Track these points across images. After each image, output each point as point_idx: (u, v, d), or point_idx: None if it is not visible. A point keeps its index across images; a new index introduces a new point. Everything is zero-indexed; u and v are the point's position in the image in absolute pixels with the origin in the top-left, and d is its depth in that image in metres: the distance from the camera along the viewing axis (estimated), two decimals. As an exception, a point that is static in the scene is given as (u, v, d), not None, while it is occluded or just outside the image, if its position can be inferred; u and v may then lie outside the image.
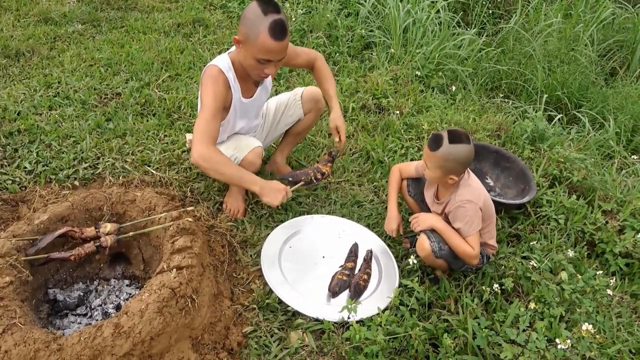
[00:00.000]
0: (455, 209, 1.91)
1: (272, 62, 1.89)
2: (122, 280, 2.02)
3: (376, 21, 4.45)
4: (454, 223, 1.93)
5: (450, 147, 1.81)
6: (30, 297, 1.76)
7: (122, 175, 2.48)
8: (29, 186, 2.37)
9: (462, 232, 1.91)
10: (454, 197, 1.94)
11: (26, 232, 1.81)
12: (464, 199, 1.90)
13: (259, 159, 2.19)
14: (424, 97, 3.57)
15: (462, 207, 1.90)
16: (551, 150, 2.96)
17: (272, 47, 1.82)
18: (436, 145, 1.83)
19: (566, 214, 2.50)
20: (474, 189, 1.94)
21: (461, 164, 1.86)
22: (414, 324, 1.81)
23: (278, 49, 1.84)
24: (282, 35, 1.81)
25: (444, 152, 1.82)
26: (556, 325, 1.84)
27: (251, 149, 2.16)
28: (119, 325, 1.51)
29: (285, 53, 1.90)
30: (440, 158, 1.83)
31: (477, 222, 1.91)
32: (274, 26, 1.78)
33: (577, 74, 4.07)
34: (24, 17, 4.24)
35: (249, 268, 2.12)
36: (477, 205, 1.90)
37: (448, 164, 1.84)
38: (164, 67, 3.56)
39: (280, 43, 1.82)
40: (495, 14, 5.14)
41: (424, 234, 1.97)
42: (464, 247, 1.90)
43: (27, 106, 2.96)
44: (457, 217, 1.92)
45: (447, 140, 1.81)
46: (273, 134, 2.57)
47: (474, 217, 1.90)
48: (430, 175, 1.92)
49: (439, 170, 1.87)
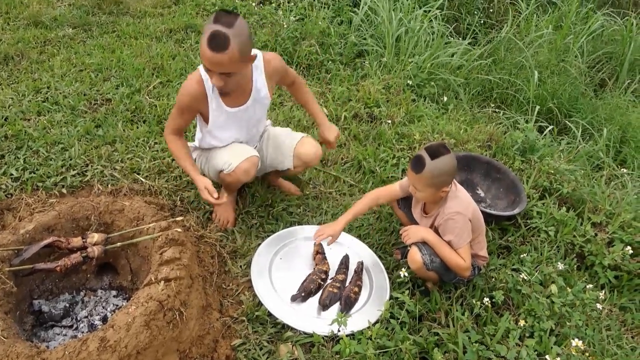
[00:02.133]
0: (445, 222, 1.91)
1: (212, 71, 1.84)
2: (109, 291, 1.99)
3: (369, 30, 4.46)
4: (444, 236, 1.93)
5: (434, 163, 1.81)
6: (15, 308, 1.73)
7: (111, 183, 2.45)
8: (15, 193, 2.33)
9: (453, 244, 1.91)
10: (442, 210, 1.94)
11: (11, 242, 1.78)
12: (452, 211, 1.90)
13: (253, 169, 2.15)
14: (415, 106, 3.58)
15: (452, 219, 1.90)
16: (542, 161, 2.97)
17: (207, 56, 1.78)
18: (420, 166, 1.83)
19: (556, 225, 2.51)
20: (462, 200, 1.95)
21: (449, 175, 1.87)
22: (405, 338, 1.80)
23: (213, 61, 1.78)
24: (217, 47, 1.74)
25: (429, 170, 1.82)
26: (546, 339, 1.84)
27: (246, 157, 2.12)
28: (105, 339, 1.48)
29: (224, 68, 1.80)
30: (428, 177, 1.83)
31: (467, 233, 1.91)
32: (211, 37, 1.74)
33: (567, 85, 4.11)
34: (13, 20, 4.19)
35: (239, 279, 2.10)
36: (466, 217, 1.90)
37: (437, 179, 1.84)
38: (155, 73, 3.54)
39: (213, 54, 1.75)
40: (487, 24, 5.18)
41: (415, 246, 1.96)
42: (455, 260, 1.90)
43: (15, 111, 2.92)
44: (447, 229, 1.92)
45: (429, 158, 1.81)
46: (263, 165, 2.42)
47: (464, 228, 1.90)
48: (423, 195, 1.92)
49: (430, 188, 1.87)
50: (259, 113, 2.24)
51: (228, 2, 4.76)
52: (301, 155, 2.28)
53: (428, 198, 1.95)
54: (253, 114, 2.20)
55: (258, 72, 2.10)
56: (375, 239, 2.40)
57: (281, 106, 3.39)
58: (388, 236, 2.42)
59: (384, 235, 2.43)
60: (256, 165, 2.17)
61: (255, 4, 4.78)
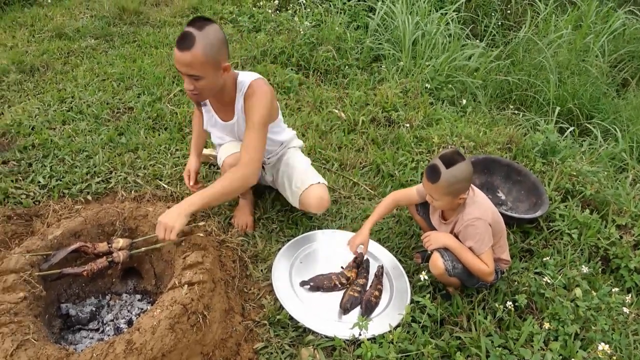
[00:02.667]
0: (465, 228, 1.90)
1: (183, 75, 1.86)
2: (134, 295, 2.03)
3: (385, 34, 4.47)
4: (465, 242, 1.92)
5: (449, 171, 1.80)
6: (44, 312, 1.77)
7: (134, 190, 2.50)
8: (42, 200, 2.40)
9: (475, 250, 1.90)
10: (461, 217, 1.93)
11: (40, 248, 1.83)
12: (472, 216, 1.89)
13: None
14: (433, 109, 3.57)
15: (472, 225, 1.89)
16: (563, 163, 2.93)
17: (175, 56, 1.82)
18: (436, 176, 1.81)
19: (579, 228, 2.47)
20: (481, 205, 1.93)
21: (466, 182, 1.85)
22: (426, 342, 1.79)
23: (177, 59, 1.81)
24: (181, 45, 1.77)
25: (445, 179, 1.80)
26: (571, 344, 1.81)
27: (232, 153, 2.15)
28: (131, 342, 1.51)
29: (188, 69, 1.80)
30: (445, 186, 1.82)
31: (488, 238, 1.90)
32: (180, 36, 1.78)
33: (588, 85, 4.05)
34: (38, 33, 4.32)
35: (260, 283, 2.12)
36: (486, 222, 1.89)
37: (454, 187, 1.83)
38: (175, 81, 3.60)
39: (179, 53, 1.78)
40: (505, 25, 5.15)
41: (437, 252, 1.95)
42: (478, 265, 1.88)
43: (41, 121, 3.00)
44: (467, 235, 1.91)
45: (444, 167, 1.80)
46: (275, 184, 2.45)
47: (485, 233, 1.89)
48: (440, 204, 1.91)
49: (447, 197, 1.86)
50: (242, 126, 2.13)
51: (245, 10, 4.83)
52: (305, 206, 2.25)
53: (445, 206, 1.94)
54: (242, 131, 2.13)
55: (240, 94, 2.06)
56: (395, 243, 2.39)
57: (299, 111, 3.42)
58: (408, 240, 2.42)
59: (404, 239, 2.42)
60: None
61: (272, 11, 4.83)
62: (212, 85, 1.91)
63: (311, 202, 2.21)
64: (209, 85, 1.90)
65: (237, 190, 1.99)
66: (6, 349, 1.48)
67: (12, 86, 3.44)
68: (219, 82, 1.94)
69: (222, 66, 1.89)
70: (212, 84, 1.91)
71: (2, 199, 2.38)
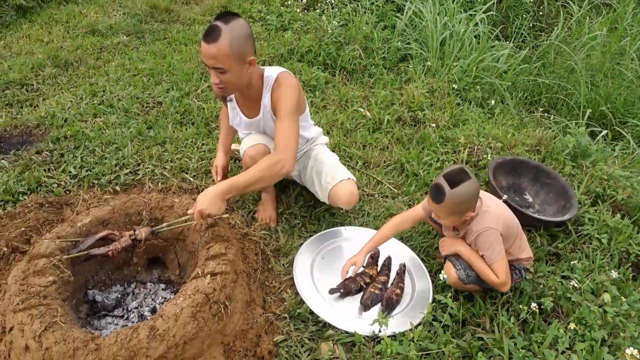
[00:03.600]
0: (476, 238, 1.87)
1: (210, 68, 1.88)
2: (158, 284, 2.06)
3: (413, 34, 4.44)
4: (478, 250, 1.90)
5: (454, 192, 1.73)
6: (71, 297, 1.82)
7: (161, 182, 2.55)
8: (73, 190, 2.47)
9: (486, 259, 1.87)
10: (471, 228, 1.89)
11: (69, 234, 1.88)
12: (483, 226, 1.85)
13: (259, 156, 2.06)
14: (460, 110, 3.52)
15: (482, 234, 1.85)
16: (594, 167, 2.86)
17: (202, 47, 1.84)
18: (440, 197, 1.75)
19: (610, 233, 2.40)
20: (492, 214, 1.87)
21: (472, 200, 1.80)
22: (448, 341, 1.77)
23: (203, 51, 1.83)
24: (208, 38, 1.79)
25: (450, 199, 1.74)
26: (598, 349, 1.76)
27: (253, 144, 2.14)
28: (154, 328, 1.54)
29: (214, 62, 1.83)
30: (450, 206, 1.76)
31: (499, 247, 1.85)
32: (207, 29, 1.82)
33: (622, 89, 3.94)
34: (73, 29, 4.44)
35: (281, 277, 2.13)
36: (497, 231, 1.84)
37: (460, 207, 1.78)
38: (203, 77, 3.65)
39: (205, 46, 1.80)
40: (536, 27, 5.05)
41: (449, 261, 1.94)
42: (488, 276, 1.86)
43: (73, 113, 3.09)
44: (479, 244, 1.88)
45: (448, 187, 1.74)
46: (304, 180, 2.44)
47: (496, 243, 1.84)
48: (447, 223, 1.89)
49: (454, 216, 1.82)
50: (273, 128, 2.13)
51: (273, 9, 4.87)
52: (335, 200, 2.24)
53: (453, 224, 1.92)
54: (267, 127, 2.19)
55: (266, 90, 2.08)
56: (418, 242, 2.37)
57: (324, 109, 3.42)
58: (431, 239, 2.39)
59: (427, 238, 2.40)
60: (262, 152, 2.12)
61: (300, 10, 4.86)
62: (237, 79, 1.93)
63: (341, 197, 2.20)
64: (235, 78, 1.92)
65: (274, 176, 1.95)
66: (35, 330, 1.53)
67: (47, 80, 3.55)
68: (244, 76, 1.96)
69: (247, 60, 1.91)
70: (238, 77, 1.93)
71: (35, 187, 2.46)
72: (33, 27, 4.50)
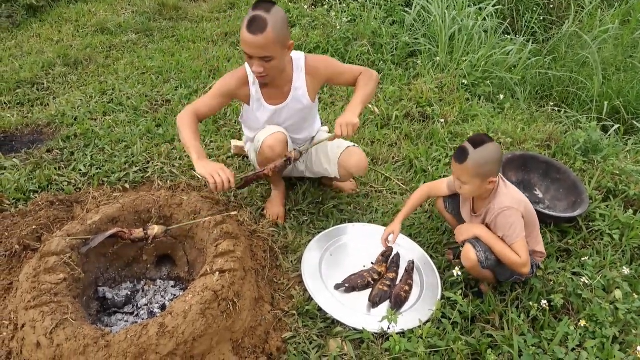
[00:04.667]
0: (496, 218, 1.85)
1: (252, 57, 1.90)
2: (168, 281, 2.08)
3: (421, 29, 4.41)
4: (497, 232, 1.87)
5: (477, 152, 1.77)
6: (82, 294, 1.84)
7: (170, 179, 2.57)
8: (83, 188, 2.49)
9: (507, 239, 1.84)
10: (492, 206, 1.88)
11: (80, 232, 1.90)
12: (503, 206, 1.84)
13: (278, 145, 2.10)
14: (470, 105, 3.50)
15: (503, 213, 1.83)
16: (605, 162, 2.82)
17: (245, 39, 1.85)
18: (464, 157, 1.78)
19: (621, 229, 2.37)
20: (512, 195, 1.88)
21: (495, 163, 1.81)
22: (457, 338, 1.76)
23: (250, 42, 1.84)
24: (254, 29, 1.81)
25: (473, 159, 1.77)
26: (609, 347, 1.74)
27: (271, 133, 2.12)
28: (164, 325, 1.55)
29: (261, 51, 1.86)
30: (474, 166, 1.78)
31: (520, 228, 1.84)
32: (250, 20, 1.82)
33: (635, 82, 3.88)
34: (82, 28, 4.48)
35: (290, 274, 2.13)
36: (518, 211, 1.84)
37: (483, 168, 1.78)
38: (211, 75, 3.66)
39: (252, 37, 1.82)
40: (547, 20, 4.98)
41: (469, 243, 1.91)
42: (510, 256, 1.83)
43: (83, 112, 3.12)
44: (498, 225, 1.86)
45: (472, 148, 1.77)
46: (311, 170, 2.47)
47: (517, 223, 1.83)
48: (470, 188, 1.86)
49: (476, 179, 1.81)
50: (299, 114, 2.23)
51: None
52: (345, 165, 2.27)
53: (475, 191, 1.88)
54: (292, 113, 2.21)
55: (299, 71, 2.13)
56: (427, 238, 2.36)
57: (332, 106, 3.41)
58: (440, 236, 2.38)
59: (436, 234, 2.39)
60: (281, 141, 2.12)
61: (308, 6, 4.84)
62: (281, 64, 1.98)
63: (351, 161, 2.24)
64: (278, 64, 1.96)
65: (376, 82, 2.20)
66: (46, 327, 1.55)
67: (57, 78, 3.58)
68: (285, 60, 2.01)
69: (287, 44, 1.95)
70: (281, 63, 1.98)
71: (45, 185, 2.48)
72: (43, 26, 4.54)
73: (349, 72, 2.21)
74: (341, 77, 2.23)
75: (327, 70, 2.18)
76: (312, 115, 2.33)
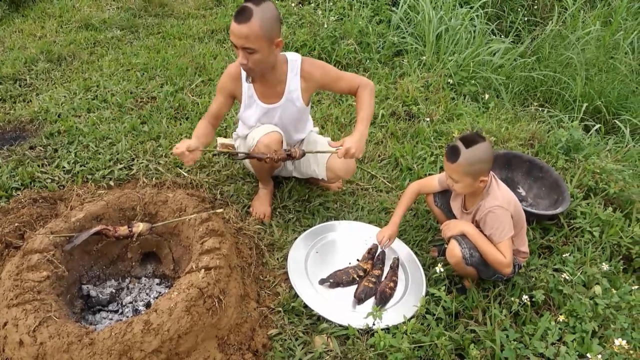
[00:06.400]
0: (485, 216, 1.88)
1: (238, 48, 1.91)
2: (153, 279, 2.07)
3: (408, 28, 4.44)
4: (485, 230, 1.90)
5: (469, 151, 1.79)
6: (65, 292, 1.82)
7: (155, 177, 2.55)
8: (66, 185, 2.46)
9: (493, 238, 1.87)
10: (483, 204, 1.91)
11: (63, 229, 1.88)
12: (493, 204, 1.87)
13: (274, 143, 2.11)
14: (455, 104, 3.53)
15: (492, 212, 1.86)
16: (587, 160, 2.87)
17: (231, 27, 1.87)
18: (455, 156, 1.81)
19: (601, 226, 2.42)
20: (503, 195, 1.91)
21: (486, 162, 1.83)
22: (440, 334, 1.78)
23: (234, 31, 1.86)
24: (240, 17, 1.83)
25: (465, 158, 1.79)
26: (588, 341, 1.78)
27: (267, 132, 2.12)
28: (149, 322, 1.55)
29: (245, 41, 1.86)
30: (465, 165, 1.80)
31: (508, 228, 1.87)
32: (238, 9, 1.85)
33: (616, 83, 3.95)
34: (66, 24, 4.42)
35: (276, 271, 2.14)
36: (507, 211, 1.87)
37: (474, 167, 1.81)
38: (197, 72, 3.64)
39: (237, 25, 1.84)
40: (531, 21, 5.05)
41: (454, 239, 1.93)
42: (495, 255, 1.86)
43: (67, 108, 3.08)
44: (487, 223, 1.89)
45: (464, 147, 1.80)
46: (299, 170, 2.49)
47: (505, 222, 1.86)
48: (461, 186, 1.88)
49: (468, 177, 1.84)
50: (292, 116, 2.24)
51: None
52: (333, 168, 2.27)
53: (466, 189, 1.90)
54: (286, 114, 2.21)
55: (293, 73, 2.13)
56: (412, 236, 2.39)
57: (319, 104, 3.42)
58: (425, 233, 2.40)
59: (421, 232, 2.41)
60: (277, 141, 2.13)
61: (295, 5, 4.84)
62: (265, 60, 1.97)
63: (339, 164, 2.24)
64: (263, 59, 1.95)
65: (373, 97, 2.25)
66: (29, 325, 1.53)
67: (40, 75, 3.53)
68: (271, 57, 2.00)
69: (275, 41, 1.95)
70: (266, 58, 1.97)
71: (28, 182, 2.45)
72: (26, 21, 4.47)
73: (346, 81, 2.21)
74: (337, 86, 2.23)
75: (322, 78, 2.18)
76: (304, 118, 2.33)
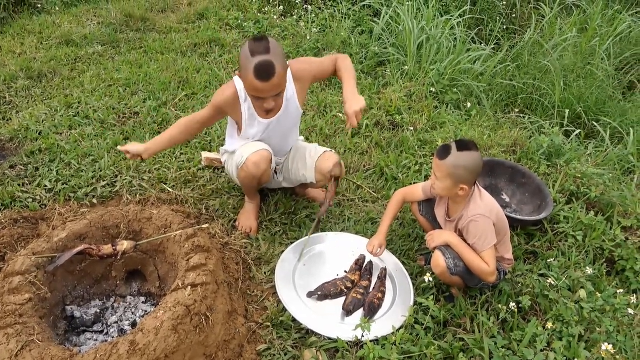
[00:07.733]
0: (468, 224, 1.90)
1: (266, 98, 1.95)
2: (138, 297, 2.04)
3: (390, 38, 4.49)
4: (468, 239, 1.92)
5: (459, 154, 1.82)
6: (49, 313, 1.79)
7: (139, 193, 2.53)
8: (48, 204, 2.42)
9: (476, 247, 1.89)
10: (466, 213, 1.92)
11: (45, 250, 1.85)
12: (475, 213, 1.89)
13: (263, 162, 2.14)
14: (438, 113, 3.57)
15: (475, 221, 1.88)
16: (568, 165, 2.92)
17: (259, 87, 1.89)
18: (445, 154, 1.84)
19: (584, 230, 2.46)
20: (486, 204, 1.93)
21: (471, 172, 1.85)
22: (429, 343, 1.79)
23: (266, 89, 1.90)
24: (267, 76, 1.85)
25: (453, 159, 1.82)
26: (575, 345, 1.80)
27: (256, 150, 2.13)
28: (135, 343, 1.52)
29: (277, 89, 1.94)
30: (450, 166, 1.83)
31: (490, 236, 1.89)
32: (259, 68, 1.84)
33: (593, 88, 4.04)
34: (46, 40, 4.37)
35: (263, 285, 2.12)
36: (489, 220, 1.89)
37: (458, 171, 1.83)
38: (180, 86, 3.63)
39: (267, 83, 1.87)
40: (510, 29, 5.15)
41: (438, 250, 1.95)
42: (479, 264, 1.87)
43: (48, 126, 3.04)
44: (470, 232, 1.90)
45: (456, 149, 1.83)
46: (289, 179, 2.48)
47: (487, 231, 1.88)
48: (440, 186, 1.90)
49: (449, 179, 1.85)
50: (290, 123, 2.28)
51: (250, 16, 4.86)
52: (322, 170, 2.28)
53: (445, 191, 1.92)
54: (285, 124, 2.23)
55: (289, 82, 2.13)
56: (399, 245, 2.39)
57: (303, 115, 3.43)
58: (411, 242, 2.41)
59: (407, 241, 2.42)
60: (267, 159, 2.15)
61: (277, 17, 4.87)
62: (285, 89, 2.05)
63: (328, 164, 2.25)
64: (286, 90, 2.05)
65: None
66: (11, 350, 1.50)
67: (20, 92, 3.48)
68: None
69: (287, 67, 2.01)
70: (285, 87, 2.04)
71: (9, 202, 2.41)
72: (5, 38, 4.42)
73: (327, 62, 2.26)
74: (324, 71, 2.27)
75: (312, 70, 2.22)
76: (298, 123, 2.37)
